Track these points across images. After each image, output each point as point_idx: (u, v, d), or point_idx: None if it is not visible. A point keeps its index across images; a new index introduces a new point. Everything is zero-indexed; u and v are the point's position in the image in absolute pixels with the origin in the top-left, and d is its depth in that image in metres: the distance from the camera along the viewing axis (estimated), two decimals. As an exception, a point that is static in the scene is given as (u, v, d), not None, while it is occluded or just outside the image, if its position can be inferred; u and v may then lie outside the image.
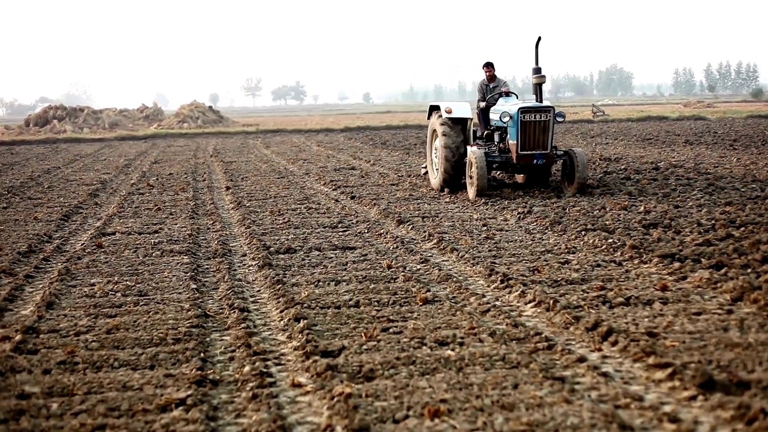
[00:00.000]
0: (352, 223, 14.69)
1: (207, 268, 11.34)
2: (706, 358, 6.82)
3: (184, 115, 69.90)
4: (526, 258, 11.16)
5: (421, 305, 8.89)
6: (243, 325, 8.26)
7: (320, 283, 10.07)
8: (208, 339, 7.93)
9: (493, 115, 18.70)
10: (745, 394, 6.01)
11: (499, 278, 9.90)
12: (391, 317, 8.40)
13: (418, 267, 10.99)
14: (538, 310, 8.64)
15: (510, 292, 9.41)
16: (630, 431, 5.42)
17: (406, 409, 5.88)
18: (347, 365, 6.88)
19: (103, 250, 12.67)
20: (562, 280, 9.78)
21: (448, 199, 17.52)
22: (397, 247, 12.36)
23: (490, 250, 11.72)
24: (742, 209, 14.35)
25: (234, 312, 8.77)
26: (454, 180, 18.80)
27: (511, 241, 12.42)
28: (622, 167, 22.95)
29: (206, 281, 10.57)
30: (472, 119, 19.14)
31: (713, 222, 13.04)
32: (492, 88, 19.60)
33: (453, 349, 7.25)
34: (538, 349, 7.27)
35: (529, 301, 8.94)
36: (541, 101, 18.39)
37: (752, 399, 5.89)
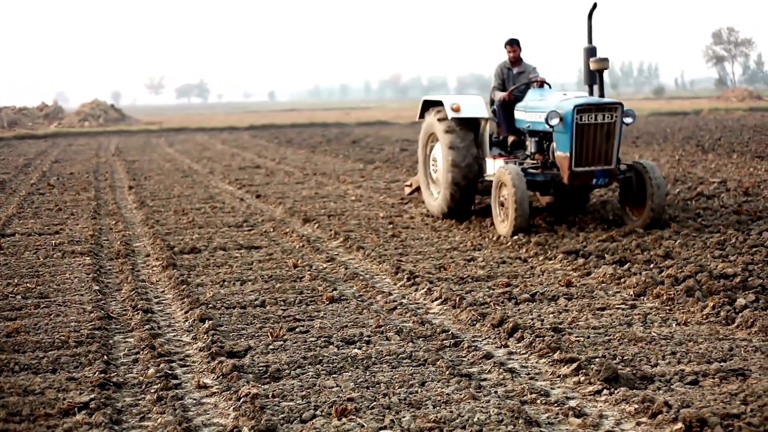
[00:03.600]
0: (258, 222, 14.60)
1: (110, 269, 11.16)
2: (610, 352, 6.92)
3: (86, 113, 68.77)
4: (433, 256, 11.20)
5: (327, 304, 8.87)
6: (147, 326, 8.14)
7: (225, 283, 9.99)
8: (111, 341, 7.80)
9: (521, 114, 13.64)
10: (649, 387, 6.12)
11: (406, 276, 9.93)
12: (297, 316, 8.37)
13: (324, 266, 10.95)
14: (445, 308, 8.68)
15: (416, 290, 9.44)
16: (536, 426, 5.46)
17: (313, 408, 5.86)
18: (253, 365, 6.83)
19: (2, 251, 12.37)
20: (468, 278, 9.84)
21: (354, 197, 17.48)
22: (303, 246, 12.31)
23: (396, 248, 11.74)
24: (643, 205, 14.55)
25: (138, 313, 8.64)
26: (463, 204, 13.96)
27: (417, 239, 12.46)
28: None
29: (109, 282, 10.40)
30: (488, 120, 14.00)
31: (617, 218, 13.24)
32: (516, 75, 14.25)
33: (360, 348, 7.25)
34: (445, 346, 7.31)
35: (436, 299, 8.98)
36: (602, 95, 13.00)
37: (656, 392, 5.99)
